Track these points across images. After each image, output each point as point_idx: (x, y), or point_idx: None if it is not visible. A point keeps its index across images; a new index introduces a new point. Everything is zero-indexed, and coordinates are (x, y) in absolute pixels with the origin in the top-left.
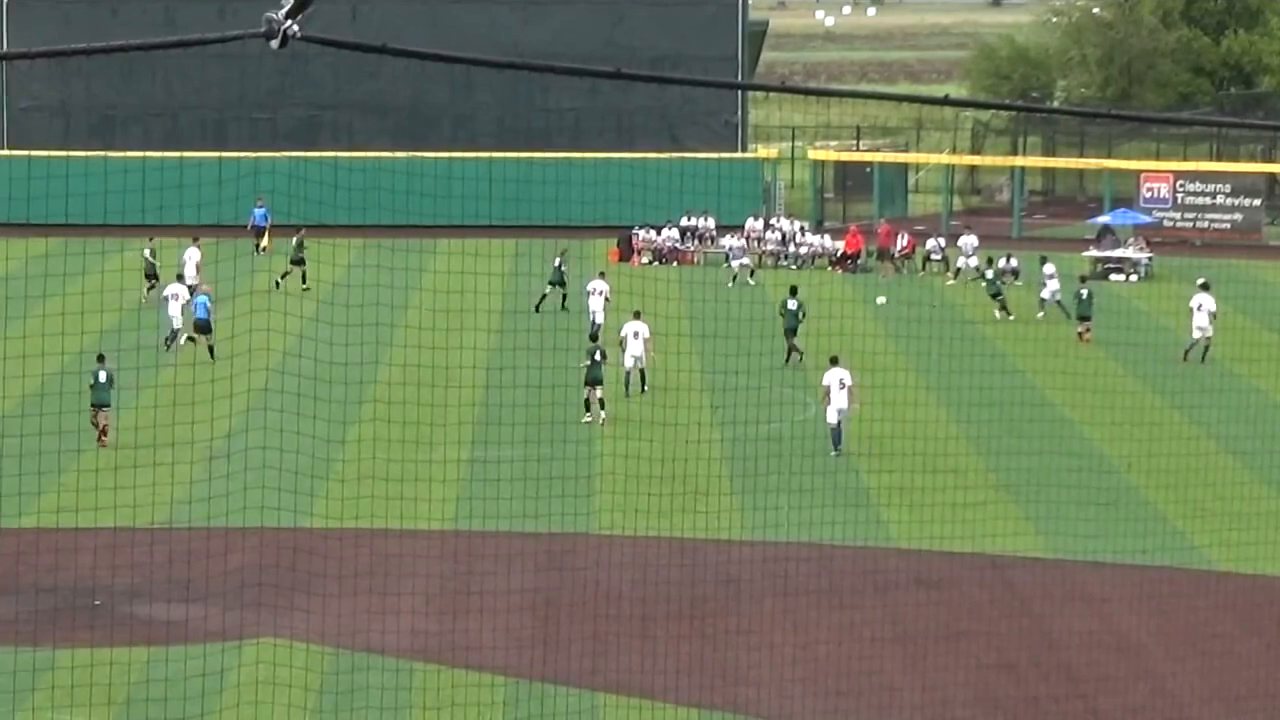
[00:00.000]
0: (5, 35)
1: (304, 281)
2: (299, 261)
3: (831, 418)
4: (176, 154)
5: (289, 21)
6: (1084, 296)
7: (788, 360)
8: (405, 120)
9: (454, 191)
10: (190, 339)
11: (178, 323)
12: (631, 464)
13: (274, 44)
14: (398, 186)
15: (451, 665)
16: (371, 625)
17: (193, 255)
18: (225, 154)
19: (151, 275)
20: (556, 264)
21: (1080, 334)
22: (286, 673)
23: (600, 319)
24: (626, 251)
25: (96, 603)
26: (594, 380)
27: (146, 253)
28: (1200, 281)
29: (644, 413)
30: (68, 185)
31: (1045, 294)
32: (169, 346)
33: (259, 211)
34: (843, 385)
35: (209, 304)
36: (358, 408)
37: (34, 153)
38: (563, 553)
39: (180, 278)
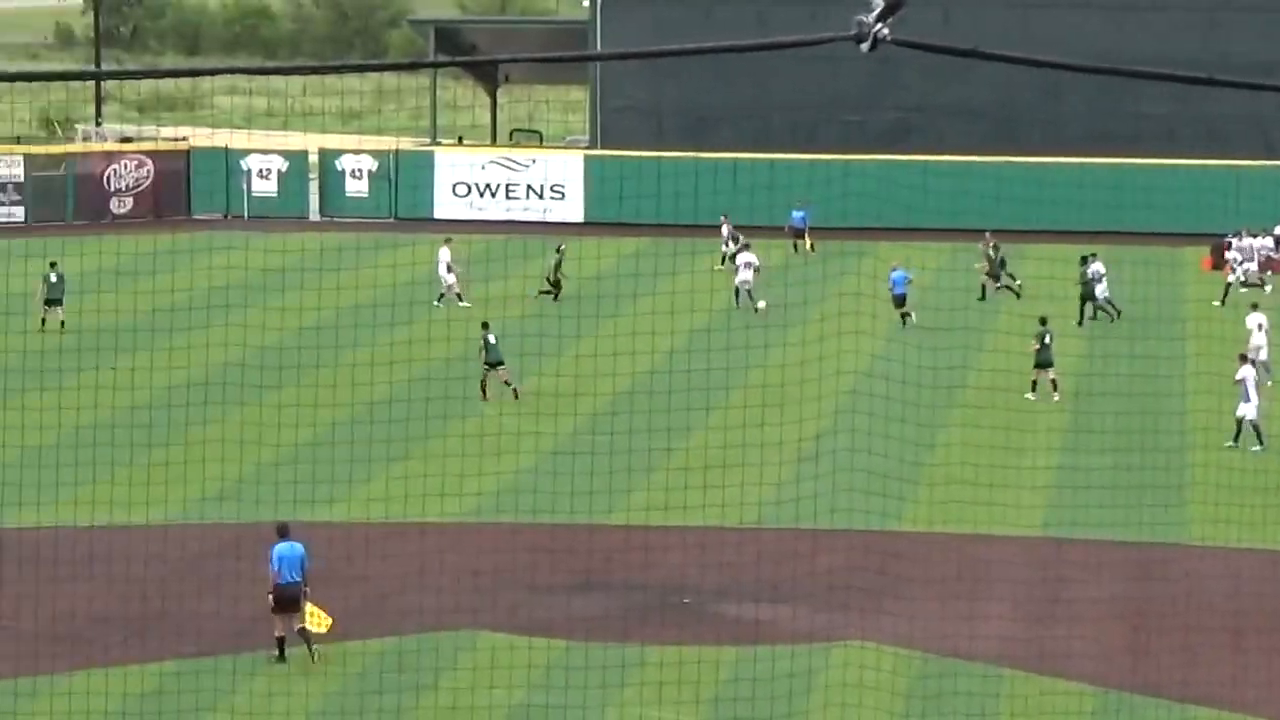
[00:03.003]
0: (599, 37)
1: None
2: (1000, 269)
3: (1250, 413)
4: (766, 156)
5: (880, 25)
6: (1046, 341)
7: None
8: (994, 124)
9: (1043, 196)
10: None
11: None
12: (1223, 474)
13: (864, 47)
14: (986, 191)
15: (1039, 673)
16: (959, 630)
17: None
18: (815, 156)
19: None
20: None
21: (1034, 382)
22: (874, 676)
23: (751, 286)
24: (1218, 260)
25: (686, 601)
26: (492, 362)
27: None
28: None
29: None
30: (659, 185)
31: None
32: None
33: (798, 215)
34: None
35: (908, 278)
36: (946, 411)
37: (626, 152)
38: (1153, 562)
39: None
